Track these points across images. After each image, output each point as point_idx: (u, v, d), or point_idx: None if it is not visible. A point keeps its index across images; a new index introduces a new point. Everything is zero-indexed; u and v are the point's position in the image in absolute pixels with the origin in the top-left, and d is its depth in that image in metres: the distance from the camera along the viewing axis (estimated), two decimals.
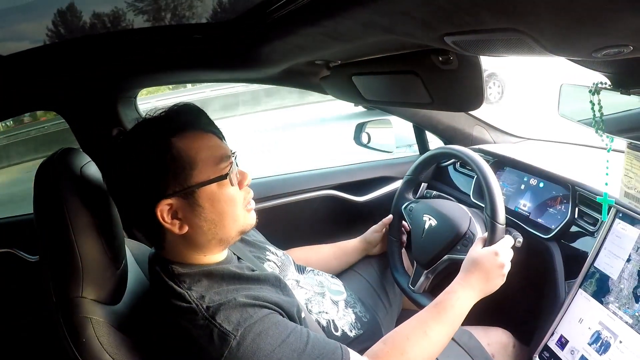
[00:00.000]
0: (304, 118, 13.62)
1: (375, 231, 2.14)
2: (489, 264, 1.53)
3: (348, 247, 2.16)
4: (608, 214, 1.58)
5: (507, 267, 1.56)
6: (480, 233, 1.72)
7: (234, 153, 1.37)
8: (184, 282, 1.29)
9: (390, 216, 2.08)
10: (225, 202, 1.30)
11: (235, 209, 1.33)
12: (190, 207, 1.27)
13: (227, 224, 1.33)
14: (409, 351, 1.39)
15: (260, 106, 15.85)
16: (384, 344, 1.42)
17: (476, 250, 1.58)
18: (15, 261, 2.37)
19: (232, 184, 1.30)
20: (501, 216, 1.59)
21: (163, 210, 1.25)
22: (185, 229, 1.29)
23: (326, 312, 1.62)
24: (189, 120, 1.30)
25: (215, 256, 1.39)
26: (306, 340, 1.28)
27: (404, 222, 2.05)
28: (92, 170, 1.37)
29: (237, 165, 1.35)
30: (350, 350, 1.32)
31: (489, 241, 1.59)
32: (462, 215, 1.79)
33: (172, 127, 1.26)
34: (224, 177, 1.28)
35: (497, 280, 1.55)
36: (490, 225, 1.59)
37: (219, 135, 1.35)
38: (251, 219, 1.40)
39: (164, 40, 1.73)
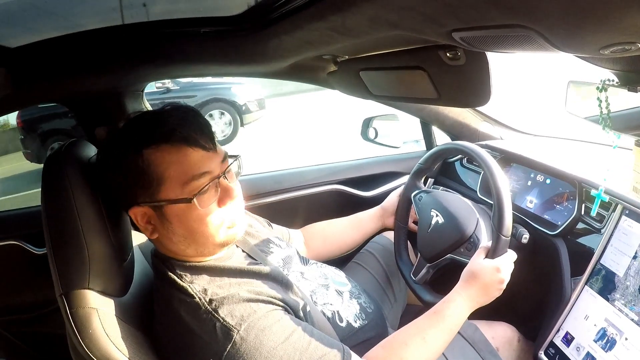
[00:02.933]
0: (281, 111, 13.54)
1: (396, 195, 2.15)
2: (489, 279, 1.54)
3: (364, 215, 2.17)
4: (610, 210, 1.59)
5: (507, 281, 1.56)
6: (484, 240, 1.72)
7: (234, 157, 1.36)
8: (186, 275, 1.31)
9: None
10: (195, 221, 1.29)
11: (207, 229, 1.31)
12: (159, 219, 1.29)
13: (198, 240, 1.32)
14: (406, 357, 1.41)
15: None
16: (382, 348, 1.43)
17: (478, 261, 1.58)
18: (21, 253, 2.38)
19: (201, 206, 1.26)
20: (507, 229, 1.58)
21: (137, 214, 1.28)
22: (156, 235, 1.31)
23: (331, 304, 1.62)
24: (166, 131, 1.24)
25: (208, 255, 1.40)
26: (309, 339, 1.28)
27: (412, 210, 2.05)
28: None
29: (226, 178, 1.32)
30: (352, 353, 1.33)
31: (492, 252, 1.58)
32: (469, 216, 1.79)
33: (147, 137, 1.24)
34: (188, 200, 1.25)
35: (494, 293, 1.56)
36: (496, 237, 1.58)
37: (204, 146, 1.28)
38: (235, 232, 1.38)
39: (171, 34, 1.73)
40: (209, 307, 1.23)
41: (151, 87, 7.19)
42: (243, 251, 1.53)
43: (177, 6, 1.64)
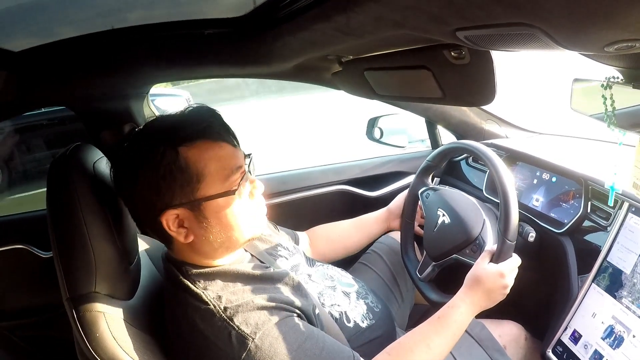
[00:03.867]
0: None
1: (402, 197, 2.15)
2: (493, 284, 1.54)
3: (370, 217, 2.17)
4: (616, 207, 1.60)
5: (510, 286, 1.56)
6: (490, 242, 1.72)
7: (248, 155, 1.37)
8: (199, 281, 1.30)
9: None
10: (233, 215, 1.29)
11: (243, 222, 1.32)
12: (196, 219, 1.27)
13: (233, 234, 1.32)
14: None
15: (217, 104, 15.74)
16: (388, 354, 1.44)
17: (482, 266, 1.58)
18: (27, 257, 2.39)
19: (241, 198, 1.29)
20: (513, 234, 1.57)
21: (169, 219, 1.25)
22: (191, 238, 1.29)
23: (338, 305, 1.63)
24: (200, 128, 1.25)
25: (225, 258, 1.40)
26: (322, 346, 1.29)
27: (419, 208, 2.06)
28: (105, 165, 1.38)
29: (250, 173, 1.34)
30: (361, 359, 1.35)
31: (497, 257, 1.58)
32: (476, 217, 1.78)
33: (182, 135, 1.23)
34: (231, 192, 1.26)
35: (498, 298, 1.56)
36: (500, 241, 1.58)
37: (232, 142, 1.31)
38: (260, 228, 1.40)
39: (175, 36, 1.73)
40: (223, 315, 1.23)
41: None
42: (252, 255, 1.54)
43: (181, 8, 1.65)
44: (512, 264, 1.57)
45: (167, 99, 7.99)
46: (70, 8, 1.49)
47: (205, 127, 1.26)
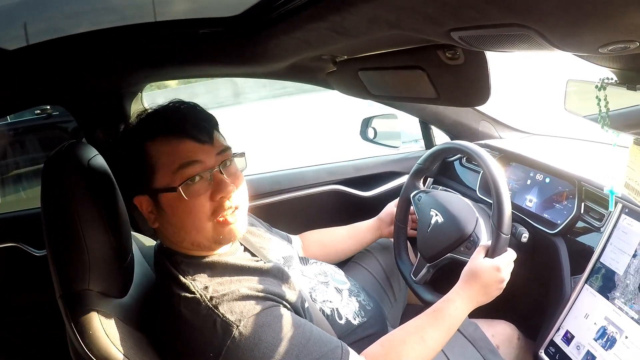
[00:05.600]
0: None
1: (393, 206, 2.14)
2: (489, 279, 1.54)
3: (362, 226, 2.17)
4: (614, 208, 1.59)
5: (507, 281, 1.57)
6: (484, 238, 1.72)
7: (242, 154, 1.40)
8: (188, 272, 1.32)
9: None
10: (183, 211, 1.30)
11: (196, 221, 1.31)
12: (157, 208, 1.34)
13: (190, 232, 1.33)
14: (404, 355, 1.42)
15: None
16: (381, 346, 1.45)
17: (478, 260, 1.58)
18: (20, 255, 2.39)
19: (186, 196, 1.27)
20: (507, 227, 1.58)
21: (141, 202, 1.34)
22: (157, 224, 1.37)
23: (330, 301, 1.63)
24: (163, 123, 1.33)
25: (210, 250, 1.41)
26: (309, 336, 1.30)
27: (411, 210, 2.05)
28: (99, 163, 1.38)
29: (221, 173, 1.32)
30: (350, 350, 1.35)
31: (492, 251, 1.58)
32: (469, 215, 1.79)
33: (147, 131, 1.33)
34: (172, 189, 1.27)
35: (494, 293, 1.57)
36: (495, 235, 1.59)
37: (200, 139, 1.31)
38: (227, 232, 1.36)
39: (170, 35, 1.73)
40: (209, 304, 1.24)
41: (32, 112, 7.27)
42: (245, 248, 1.55)
43: (176, 7, 1.64)
44: (508, 258, 1.58)
45: None
46: (65, 7, 1.49)
47: (172, 122, 1.33)
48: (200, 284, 1.28)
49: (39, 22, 1.57)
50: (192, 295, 1.26)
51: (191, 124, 1.32)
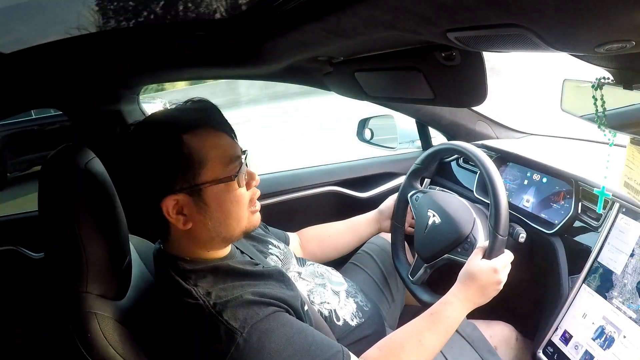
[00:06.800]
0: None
1: (392, 199, 2.15)
2: (486, 280, 1.54)
3: (361, 220, 2.18)
4: (607, 208, 1.59)
5: (504, 282, 1.57)
6: (481, 239, 1.72)
7: (244, 152, 1.38)
8: (190, 278, 1.30)
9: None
10: (231, 202, 1.31)
11: (240, 210, 1.34)
12: (195, 205, 1.28)
13: (231, 223, 1.33)
14: (403, 359, 1.42)
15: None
16: (379, 350, 1.45)
17: (475, 262, 1.58)
18: (18, 258, 2.38)
19: (239, 186, 1.30)
20: (504, 228, 1.58)
21: (169, 205, 1.25)
22: (189, 225, 1.29)
23: (328, 303, 1.64)
24: (202, 117, 1.30)
25: (218, 252, 1.40)
26: (311, 341, 1.29)
27: (409, 210, 2.05)
28: (97, 166, 1.38)
29: (246, 165, 1.35)
30: (351, 355, 1.34)
31: (489, 252, 1.58)
32: (466, 216, 1.79)
33: (184, 123, 1.27)
34: (231, 178, 1.28)
35: (492, 294, 1.57)
36: (492, 236, 1.59)
37: (231, 134, 1.34)
38: (255, 220, 1.41)
39: (166, 37, 1.73)
40: (212, 311, 1.23)
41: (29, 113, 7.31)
42: (243, 252, 1.54)
43: (171, 9, 1.64)
44: (505, 260, 1.58)
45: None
46: (61, 10, 1.49)
47: (207, 116, 1.31)
48: (202, 290, 1.27)
49: (36, 25, 1.57)
50: (195, 302, 1.25)
51: (223, 120, 1.35)
